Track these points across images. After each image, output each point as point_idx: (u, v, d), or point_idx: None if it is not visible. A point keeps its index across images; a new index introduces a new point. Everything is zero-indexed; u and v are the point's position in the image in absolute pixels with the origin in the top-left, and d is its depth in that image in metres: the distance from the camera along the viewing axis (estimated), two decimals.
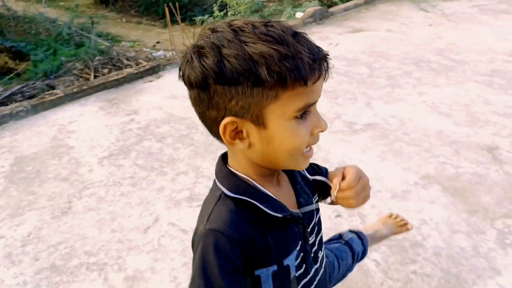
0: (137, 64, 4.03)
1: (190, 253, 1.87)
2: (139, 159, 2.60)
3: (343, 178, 0.71)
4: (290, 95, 0.56)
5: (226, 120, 0.58)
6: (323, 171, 0.86)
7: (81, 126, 3.10)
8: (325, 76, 0.60)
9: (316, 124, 0.62)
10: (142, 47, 6.94)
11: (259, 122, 0.58)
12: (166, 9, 4.42)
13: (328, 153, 2.62)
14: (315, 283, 0.76)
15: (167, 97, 3.39)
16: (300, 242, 0.71)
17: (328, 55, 0.60)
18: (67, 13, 7.83)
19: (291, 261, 0.69)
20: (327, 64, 0.59)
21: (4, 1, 7.09)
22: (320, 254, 0.78)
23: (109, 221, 2.12)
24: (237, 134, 0.60)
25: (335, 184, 0.71)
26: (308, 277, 0.74)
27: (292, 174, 0.75)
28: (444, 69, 3.82)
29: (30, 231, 2.10)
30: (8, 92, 3.88)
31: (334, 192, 0.71)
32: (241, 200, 0.63)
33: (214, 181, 0.69)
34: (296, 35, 0.57)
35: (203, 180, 2.38)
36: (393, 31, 4.97)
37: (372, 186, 2.21)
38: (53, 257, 1.93)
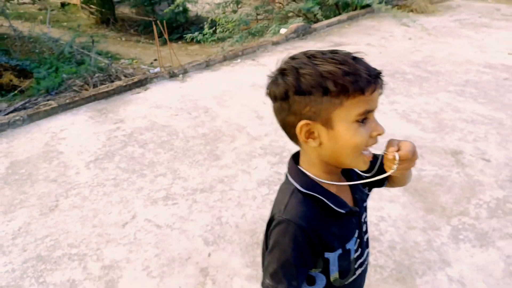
0: (126, 76, 4.22)
1: (162, 246, 2.03)
2: (122, 163, 2.75)
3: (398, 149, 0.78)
4: (352, 102, 0.71)
5: (302, 122, 0.73)
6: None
7: (71, 133, 3.26)
8: (380, 89, 0.74)
9: (374, 128, 0.75)
10: (140, 64, 7.19)
11: (328, 124, 0.73)
12: (154, 28, 4.63)
13: None
14: (366, 263, 0.91)
15: (151, 107, 3.57)
16: (357, 230, 0.85)
17: (381, 73, 0.74)
18: (69, 33, 8.11)
19: (351, 245, 0.83)
20: (381, 80, 0.74)
21: (11, 23, 7.35)
22: (367, 238, 0.91)
23: (91, 218, 2.27)
24: (310, 134, 0.75)
25: (390, 153, 0.77)
26: (362, 258, 0.88)
27: (349, 174, 0.87)
28: (419, 80, 4.01)
29: (20, 226, 2.25)
30: (11, 108, 4.09)
31: (394, 166, 0.76)
32: (311, 196, 0.77)
33: (287, 176, 0.84)
34: (355, 58, 0.72)
35: (179, 181, 2.54)
36: (372, 44, 5.19)
37: None
38: (39, 248, 2.09)
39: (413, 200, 2.33)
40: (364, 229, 0.87)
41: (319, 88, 0.70)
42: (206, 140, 3.02)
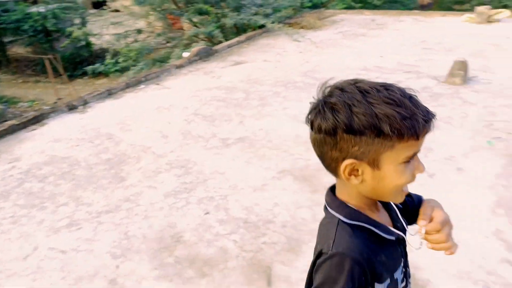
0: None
1: (68, 268, 2.06)
2: (19, 200, 2.70)
3: (431, 220, 0.77)
4: (404, 146, 0.68)
5: (348, 161, 0.71)
6: (414, 200, 0.90)
7: None
8: (430, 130, 0.71)
9: (417, 167, 0.73)
10: (42, 105, 6.90)
11: (375, 164, 0.70)
12: (47, 64, 4.57)
13: (202, 166, 2.98)
14: None
15: (50, 141, 3.53)
16: (403, 259, 0.83)
17: (435, 115, 0.70)
18: None
19: (398, 275, 0.80)
20: (434, 122, 0.70)
21: None
22: (409, 270, 0.89)
23: None
24: (353, 171, 0.72)
25: (420, 227, 0.75)
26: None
27: (386, 204, 0.85)
28: (307, 87, 4.50)
29: None
30: None
31: (420, 239, 0.76)
32: (358, 226, 0.75)
33: (327, 210, 0.80)
34: (411, 98, 0.69)
35: (83, 207, 2.58)
36: (269, 60, 5.67)
37: (237, 185, 2.60)
38: None
39: (302, 185, 2.65)
40: (407, 258, 0.86)
41: (373, 130, 0.67)
42: (111, 164, 3.08)
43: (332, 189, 0.83)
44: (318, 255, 0.74)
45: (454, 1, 12.00)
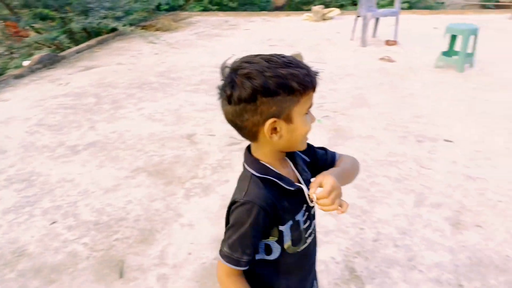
0: None
1: None
2: None
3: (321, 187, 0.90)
4: (305, 99, 0.84)
5: (270, 121, 0.82)
6: (328, 157, 1.07)
7: None
8: None
9: (312, 118, 0.89)
10: None
11: (288, 119, 0.84)
12: None
13: (48, 176, 2.81)
14: (314, 233, 1.04)
15: None
16: (305, 204, 0.96)
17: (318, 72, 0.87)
18: None
19: (300, 217, 0.95)
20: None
21: None
22: (314, 211, 1.04)
23: None
24: (273, 130, 0.84)
25: (311, 194, 0.90)
26: (311, 228, 1.01)
27: (294, 159, 0.98)
28: (163, 86, 4.56)
29: None
30: None
31: (312, 203, 0.95)
32: (266, 179, 0.88)
33: (244, 166, 0.92)
34: (300, 61, 0.84)
35: None
36: (123, 63, 5.54)
37: (87, 190, 2.51)
38: None
39: (156, 180, 2.73)
40: (310, 203, 0.99)
41: (285, 89, 0.80)
42: None
43: (249, 148, 0.94)
44: (233, 202, 0.88)
45: (303, 2, 13.43)
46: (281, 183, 0.89)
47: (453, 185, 2.61)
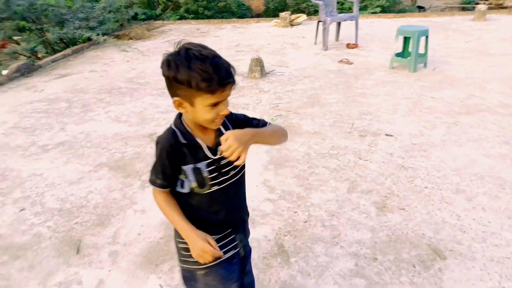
0: None
1: None
2: None
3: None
4: (206, 97, 1.05)
5: (175, 98, 1.09)
6: (260, 125, 1.30)
7: None
8: (231, 88, 1.09)
9: (222, 110, 1.10)
10: None
11: (191, 103, 1.07)
12: None
13: (19, 172, 3.11)
14: (224, 185, 1.25)
15: None
16: (208, 160, 1.19)
17: (233, 80, 1.09)
18: None
19: (202, 166, 1.19)
20: (232, 82, 1.08)
21: None
22: (233, 173, 1.26)
23: None
24: (180, 104, 1.10)
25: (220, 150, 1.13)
26: (218, 180, 1.23)
27: (219, 130, 1.22)
28: (130, 91, 4.88)
29: None
30: None
31: (218, 155, 1.20)
32: (174, 130, 1.17)
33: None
34: (218, 66, 1.05)
35: None
36: (95, 71, 5.85)
37: (54, 183, 2.75)
38: None
39: (116, 173, 3.05)
40: (223, 162, 1.21)
41: (188, 83, 1.03)
42: None
43: (180, 114, 1.20)
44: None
45: (277, 8, 13.86)
46: (178, 137, 1.16)
47: (385, 174, 2.96)
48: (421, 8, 16.29)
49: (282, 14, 8.63)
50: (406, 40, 5.50)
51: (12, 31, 6.80)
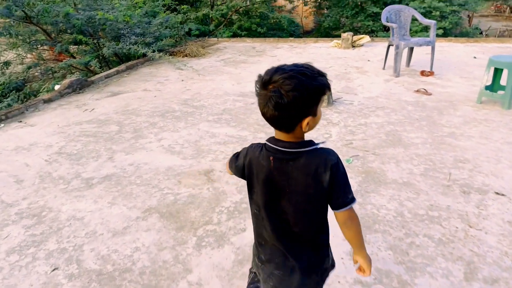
0: None
1: None
2: None
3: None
4: (323, 98, 1.13)
5: (307, 119, 1.10)
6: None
7: None
8: None
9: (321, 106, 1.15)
10: None
11: (314, 114, 1.12)
12: None
13: (58, 212, 2.69)
14: None
15: None
16: None
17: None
18: None
19: None
20: None
21: None
22: None
23: None
24: (307, 123, 1.11)
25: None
26: None
27: None
28: (185, 115, 4.45)
29: None
30: None
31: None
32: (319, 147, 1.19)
33: (298, 153, 1.16)
34: (319, 71, 1.11)
35: None
36: (149, 89, 5.51)
37: (95, 231, 2.29)
38: None
39: (168, 223, 2.54)
40: None
41: (318, 96, 1.10)
42: None
43: (276, 144, 1.19)
44: (331, 168, 1.16)
45: (331, 27, 13.34)
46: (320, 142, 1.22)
47: (510, 254, 2.24)
48: (475, 29, 15.17)
49: (344, 35, 8.03)
50: (496, 71, 4.71)
51: (68, 44, 6.71)
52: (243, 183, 3.03)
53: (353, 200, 1.20)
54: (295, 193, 1.19)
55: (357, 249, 1.29)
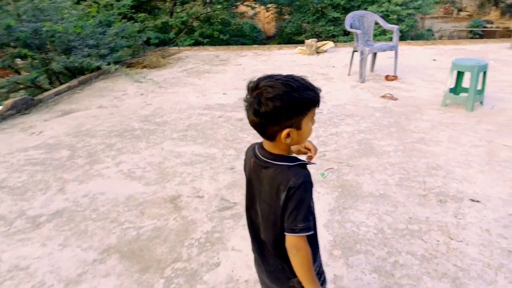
0: None
1: None
2: None
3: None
4: (312, 112, 1.12)
5: (286, 131, 1.09)
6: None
7: None
8: None
9: (313, 121, 1.15)
10: None
11: (298, 127, 1.10)
12: None
13: None
14: None
15: None
16: None
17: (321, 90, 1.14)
18: None
19: None
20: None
21: None
22: None
23: None
24: (288, 135, 1.09)
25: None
26: None
27: None
28: (146, 134, 4.12)
29: None
30: None
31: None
32: (300, 164, 1.15)
33: (271, 163, 1.15)
34: (309, 84, 1.10)
35: None
36: (104, 106, 5.12)
37: (44, 282, 1.94)
38: None
39: (130, 264, 2.23)
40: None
41: (298, 109, 1.06)
42: None
43: (260, 147, 1.20)
44: (289, 189, 1.10)
45: (293, 33, 13.34)
46: (307, 164, 1.19)
47: (493, 265, 2.14)
48: (429, 31, 15.80)
49: (308, 41, 7.95)
50: (458, 74, 4.75)
51: (12, 59, 6.15)
52: (213, 209, 2.78)
53: (303, 231, 1.11)
54: (263, 201, 1.20)
55: (303, 283, 1.19)
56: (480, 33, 21.05)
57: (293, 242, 1.13)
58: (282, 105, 1.04)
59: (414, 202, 2.76)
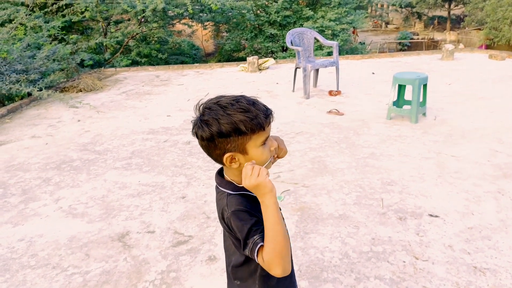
0: None
1: None
2: None
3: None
4: (257, 136, 1.04)
5: (227, 155, 1.05)
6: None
7: None
8: (272, 121, 1.09)
9: (271, 145, 1.11)
10: None
11: (244, 152, 1.06)
12: None
13: None
14: None
15: None
16: None
17: (272, 110, 1.09)
18: None
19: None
20: (272, 115, 1.09)
21: None
22: None
23: None
24: (232, 160, 1.06)
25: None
26: None
27: None
28: (86, 165, 3.81)
29: None
30: None
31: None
32: (240, 194, 1.11)
33: (218, 187, 1.15)
34: (254, 103, 1.05)
35: None
36: (38, 136, 4.69)
37: None
38: None
39: None
40: None
41: (236, 132, 1.02)
42: None
43: (220, 172, 1.18)
44: (226, 218, 1.08)
45: (232, 49, 13.42)
46: (251, 194, 1.09)
47: (461, 284, 2.15)
48: (362, 44, 16.84)
49: (249, 59, 8.00)
50: (400, 87, 5.01)
51: None
52: (167, 244, 2.59)
53: (256, 245, 1.03)
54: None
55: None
56: (408, 44, 22.82)
57: (261, 260, 1.06)
58: (217, 129, 1.00)
59: (374, 221, 2.76)
